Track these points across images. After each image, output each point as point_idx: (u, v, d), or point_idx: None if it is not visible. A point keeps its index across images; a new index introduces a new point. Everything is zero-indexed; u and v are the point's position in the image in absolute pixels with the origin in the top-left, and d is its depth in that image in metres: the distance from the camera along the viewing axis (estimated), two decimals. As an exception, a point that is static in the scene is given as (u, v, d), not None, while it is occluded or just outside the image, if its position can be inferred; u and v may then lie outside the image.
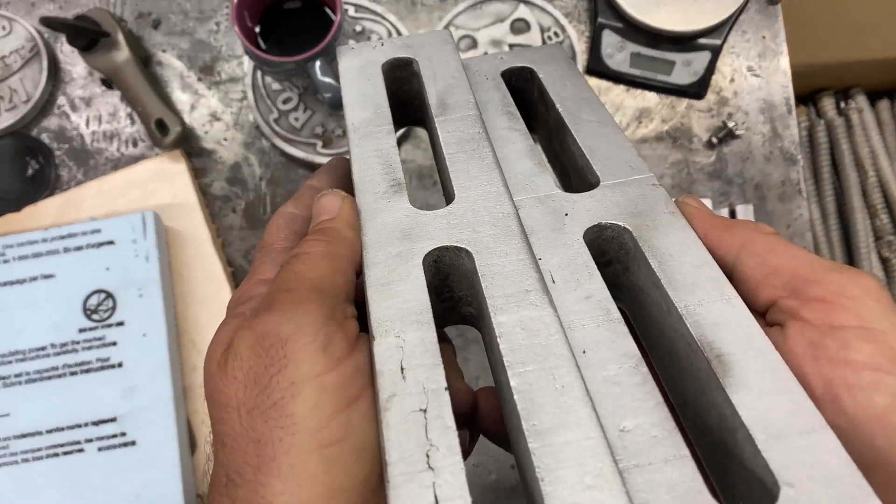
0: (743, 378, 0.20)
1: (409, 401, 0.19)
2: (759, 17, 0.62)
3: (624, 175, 0.26)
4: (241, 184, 0.59)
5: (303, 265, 0.22)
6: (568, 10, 0.62)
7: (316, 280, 0.21)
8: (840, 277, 0.20)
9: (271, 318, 0.20)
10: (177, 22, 0.61)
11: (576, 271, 0.23)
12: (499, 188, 0.25)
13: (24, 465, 0.51)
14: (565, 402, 0.19)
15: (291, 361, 0.19)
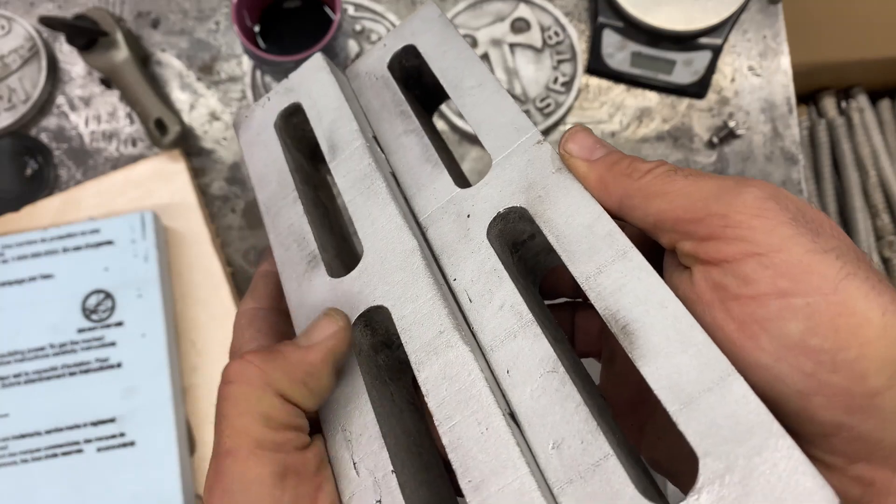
0: (648, 346, 0.20)
1: (366, 496, 0.22)
2: (760, 17, 0.62)
3: (510, 142, 0.26)
4: (241, 183, 0.59)
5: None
6: (568, 9, 0.62)
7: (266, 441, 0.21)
8: (721, 206, 0.19)
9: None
10: (176, 21, 0.61)
11: (487, 281, 0.24)
12: (398, 223, 0.25)
13: (23, 465, 0.51)
14: (491, 447, 0.20)
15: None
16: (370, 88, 0.31)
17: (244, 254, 0.58)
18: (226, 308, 0.55)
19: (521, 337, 0.22)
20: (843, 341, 0.17)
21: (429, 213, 0.26)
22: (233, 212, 0.59)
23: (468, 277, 0.24)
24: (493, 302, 0.23)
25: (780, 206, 0.18)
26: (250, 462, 0.20)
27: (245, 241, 0.59)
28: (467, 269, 0.24)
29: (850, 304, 0.17)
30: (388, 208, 0.26)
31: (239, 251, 0.58)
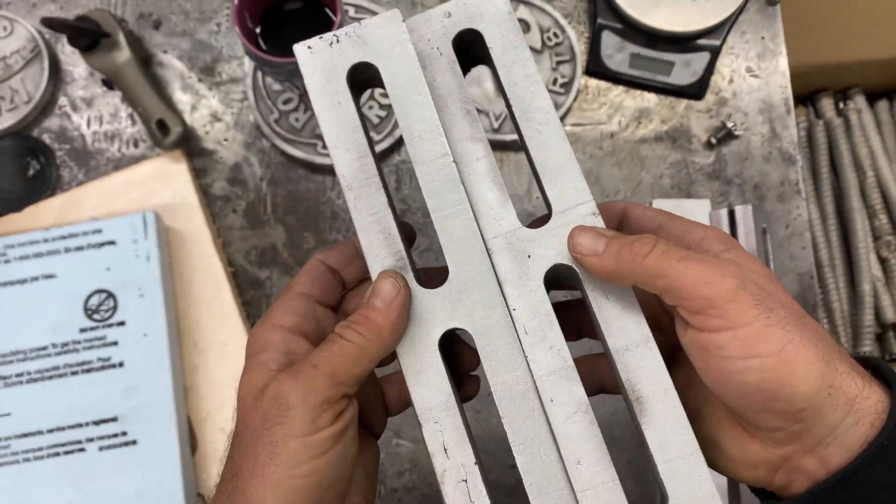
0: (652, 416, 0.28)
1: (455, 474, 0.30)
2: (759, 18, 0.62)
3: (571, 202, 0.30)
4: (242, 184, 0.60)
5: (332, 352, 0.28)
6: (567, 10, 0.62)
7: (335, 370, 0.28)
8: (707, 291, 0.26)
9: (288, 384, 0.27)
10: (177, 22, 0.62)
11: (541, 321, 0.29)
12: (479, 246, 0.30)
13: (25, 464, 0.51)
14: (549, 471, 0.29)
15: (288, 420, 0.27)
16: (434, 63, 0.32)
17: (245, 254, 0.59)
18: (227, 308, 0.56)
19: (564, 378, 0.29)
20: (782, 385, 0.26)
21: (492, 238, 0.30)
22: (234, 212, 0.59)
23: (525, 313, 0.29)
24: (545, 341, 0.29)
25: (748, 292, 0.26)
26: (321, 385, 0.27)
27: (246, 241, 0.59)
28: (525, 306, 0.29)
29: (788, 361, 0.26)
30: (471, 226, 0.30)
31: (240, 251, 0.59)
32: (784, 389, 0.25)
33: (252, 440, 0.28)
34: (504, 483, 0.55)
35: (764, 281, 0.27)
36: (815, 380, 0.25)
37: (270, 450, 0.27)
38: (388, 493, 0.56)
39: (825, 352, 0.26)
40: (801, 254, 0.60)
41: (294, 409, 0.27)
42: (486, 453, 0.55)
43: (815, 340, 0.26)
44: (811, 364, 0.26)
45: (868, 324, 0.92)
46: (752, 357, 0.26)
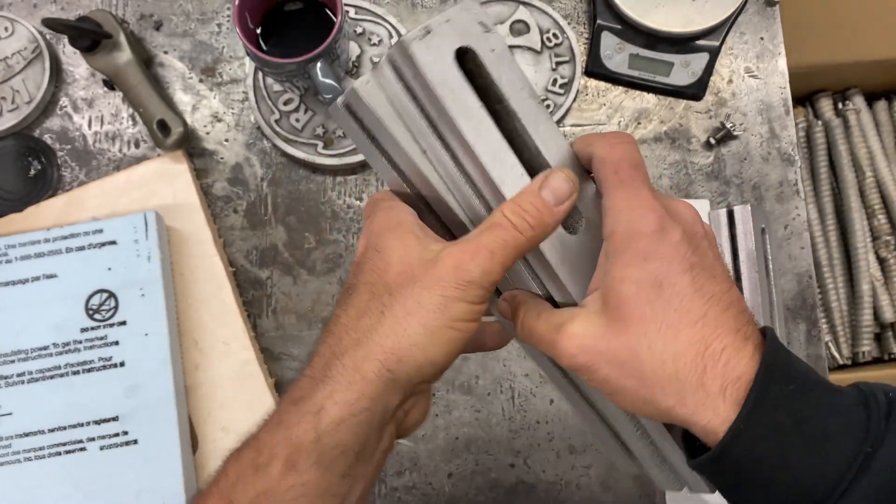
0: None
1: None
2: (757, 19, 0.63)
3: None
4: (243, 184, 0.60)
5: (504, 240, 0.29)
6: (567, 11, 0.62)
7: (506, 259, 0.29)
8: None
9: (468, 260, 0.29)
10: (178, 23, 0.62)
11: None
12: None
13: (27, 464, 0.51)
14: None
15: (466, 290, 0.28)
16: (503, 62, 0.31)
17: (246, 254, 0.59)
18: (228, 308, 0.56)
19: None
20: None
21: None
22: (235, 212, 0.59)
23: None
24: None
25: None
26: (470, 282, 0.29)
27: (247, 241, 0.59)
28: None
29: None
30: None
31: (241, 251, 0.59)
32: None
33: (419, 290, 0.28)
34: (504, 483, 0.55)
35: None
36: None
37: (442, 303, 0.28)
38: (389, 493, 0.56)
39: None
40: (799, 254, 0.60)
41: (472, 284, 0.28)
42: (485, 453, 0.55)
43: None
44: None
45: (867, 323, 0.93)
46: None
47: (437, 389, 0.55)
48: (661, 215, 0.28)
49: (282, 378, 0.57)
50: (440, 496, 0.56)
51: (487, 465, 0.55)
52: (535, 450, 0.56)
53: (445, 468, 0.56)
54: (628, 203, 0.28)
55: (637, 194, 0.29)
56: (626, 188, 0.29)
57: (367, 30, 0.61)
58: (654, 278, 0.27)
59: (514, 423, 0.56)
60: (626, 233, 0.28)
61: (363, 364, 0.28)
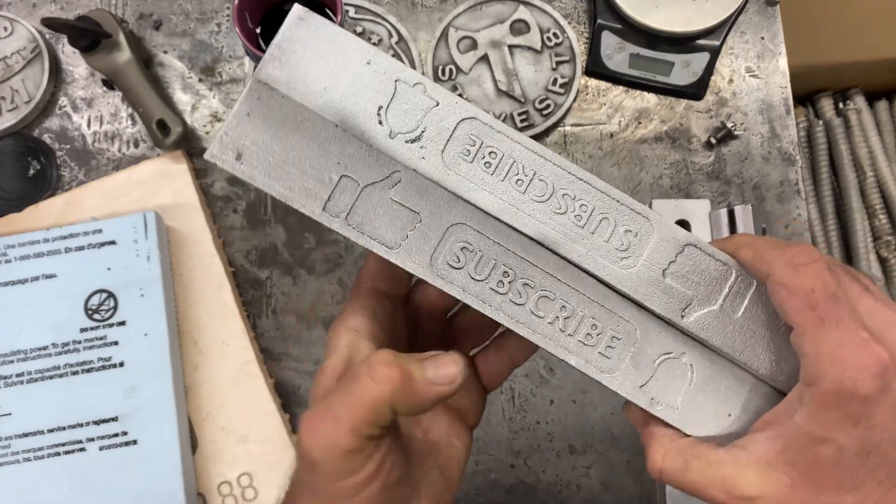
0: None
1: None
2: (758, 18, 0.62)
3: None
4: (242, 184, 0.60)
5: (354, 400, 0.26)
6: (567, 11, 0.62)
7: (357, 423, 0.26)
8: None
9: (309, 439, 0.26)
10: (178, 23, 0.62)
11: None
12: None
13: (26, 464, 0.51)
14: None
15: (317, 473, 0.26)
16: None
17: (246, 254, 0.59)
18: (227, 308, 0.56)
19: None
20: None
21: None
22: (235, 212, 0.59)
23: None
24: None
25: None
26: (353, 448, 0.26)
27: (247, 241, 0.59)
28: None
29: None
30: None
31: (241, 251, 0.59)
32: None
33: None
34: (504, 483, 0.55)
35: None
36: None
37: (312, 489, 0.27)
38: (389, 493, 0.56)
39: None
40: (800, 254, 0.60)
41: (319, 465, 0.26)
42: (485, 454, 0.55)
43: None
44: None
45: (868, 324, 0.93)
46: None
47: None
48: (883, 368, 0.23)
49: (281, 378, 0.57)
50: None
51: (487, 465, 0.55)
52: (535, 450, 0.56)
53: (445, 468, 0.56)
54: (840, 352, 0.24)
55: (851, 338, 0.24)
56: (832, 330, 0.24)
57: (366, 29, 0.61)
58: (862, 447, 0.23)
59: (514, 423, 0.56)
60: (836, 391, 0.23)
61: None
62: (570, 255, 0.28)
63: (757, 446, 0.25)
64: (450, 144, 0.28)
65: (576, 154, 0.61)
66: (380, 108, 0.28)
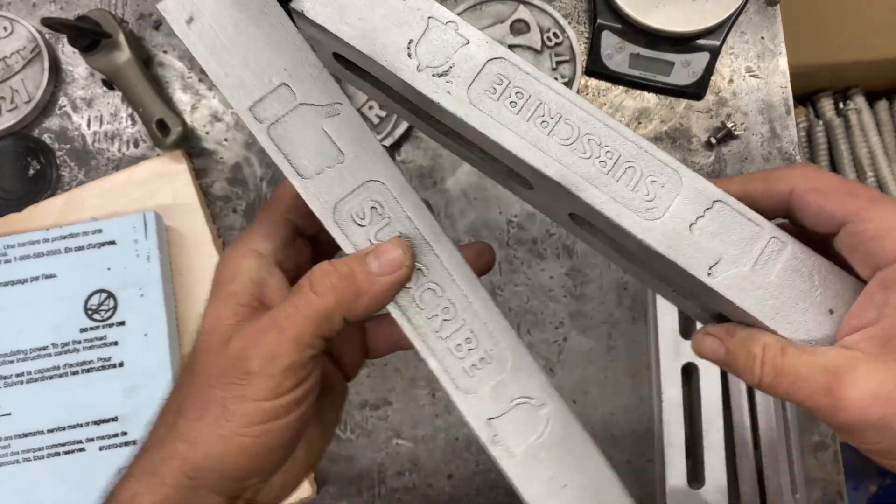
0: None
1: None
2: (758, 18, 0.62)
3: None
4: (242, 184, 0.60)
5: (299, 311, 0.25)
6: (567, 10, 0.62)
7: (301, 334, 0.25)
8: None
9: (251, 346, 0.25)
10: (178, 23, 0.62)
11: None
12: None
13: (26, 464, 0.51)
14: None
15: (247, 385, 0.25)
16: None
17: (245, 254, 0.59)
18: (227, 308, 0.56)
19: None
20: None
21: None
22: (234, 212, 0.59)
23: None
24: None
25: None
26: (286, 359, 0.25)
27: (246, 241, 0.59)
28: None
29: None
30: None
31: (240, 251, 0.59)
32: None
33: (206, 387, 0.26)
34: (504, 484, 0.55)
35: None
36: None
37: (223, 405, 0.25)
38: (388, 493, 0.56)
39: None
40: (800, 254, 0.60)
41: (255, 376, 0.25)
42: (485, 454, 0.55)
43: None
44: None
45: (868, 324, 0.93)
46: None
47: (438, 390, 0.55)
48: None
49: (281, 378, 0.57)
50: (440, 497, 0.56)
51: (488, 465, 0.55)
52: (535, 450, 0.56)
53: (445, 469, 0.56)
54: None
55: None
56: (888, 204, 0.24)
57: (366, 29, 0.61)
58: None
59: (514, 423, 0.56)
60: None
61: (161, 467, 0.26)
62: (592, 201, 0.27)
63: (857, 345, 0.24)
64: (477, 81, 0.27)
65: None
66: (410, 42, 0.27)
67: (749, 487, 0.52)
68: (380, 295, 0.26)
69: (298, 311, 0.25)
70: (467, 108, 0.27)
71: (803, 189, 0.25)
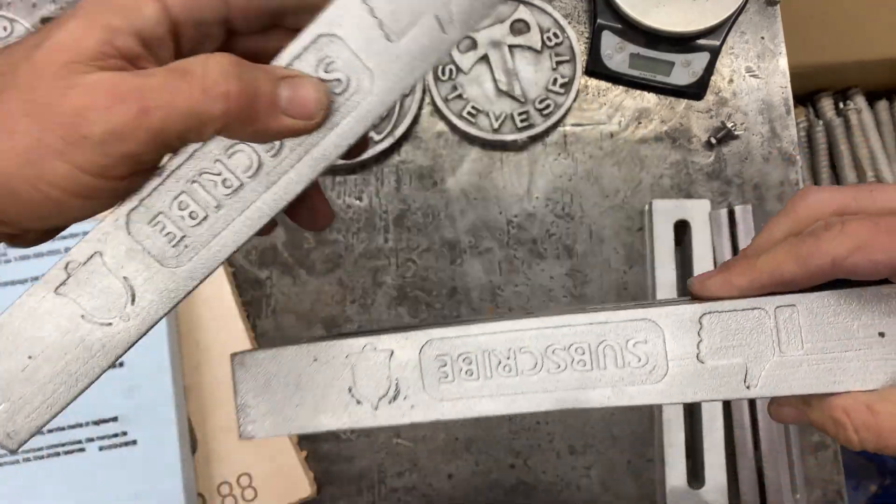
0: None
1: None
2: (758, 18, 0.62)
3: None
4: (242, 184, 0.60)
5: (148, 89, 0.21)
6: (567, 10, 0.62)
7: (104, 127, 0.20)
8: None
9: (99, 125, 0.20)
10: (177, 23, 0.62)
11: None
12: None
13: (25, 464, 0.51)
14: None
15: (76, 148, 0.21)
16: None
17: (245, 254, 0.59)
18: (227, 308, 0.56)
19: None
20: None
21: None
22: (234, 212, 0.59)
23: None
24: None
25: None
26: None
27: (246, 241, 0.59)
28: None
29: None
30: None
31: (240, 251, 0.59)
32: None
33: (23, 112, 0.21)
34: (504, 484, 0.55)
35: None
36: None
37: (30, 143, 0.21)
38: (388, 493, 0.56)
39: None
40: (800, 254, 0.60)
41: (88, 143, 0.20)
42: (485, 454, 0.55)
43: None
44: None
45: (868, 324, 0.93)
46: None
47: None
48: None
49: (281, 378, 0.57)
50: (440, 497, 0.56)
51: (487, 465, 0.55)
52: (535, 450, 0.56)
53: (445, 469, 0.56)
54: None
55: None
56: None
57: (366, 29, 0.61)
58: None
59: (514, 423, 0.56)
60: None
61: None
62: (600, 404, 0.26)
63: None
64: (426, 377, 0.27)
65: (576, 154, 0.60)
66: (350, 390, 0.27)
67: (749, 487, 0.52)
68: (269, 135, 0.22)
69: (175, 100, 0.20)
70: (437, 408, 0.26)
71: (844, 253, 0.23)
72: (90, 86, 0.20)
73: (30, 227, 0.23)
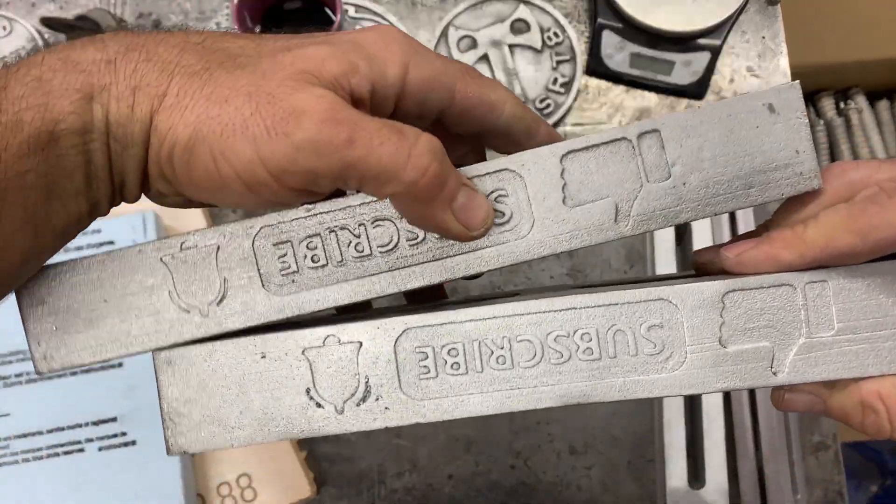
0: None
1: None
2: (759, 18, 0.62)
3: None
4: (242, 184, 0.59)
5: (375, 158, 0.22)
6: (568, 10, 0.62)
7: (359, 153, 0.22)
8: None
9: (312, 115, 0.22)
10: (177, 22, 0.62)
11: None
12: None
13: (25, 464, 0.51)
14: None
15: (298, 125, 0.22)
16: None
17: (245, 254, 0.59)
18: (227, 308, 0.56)
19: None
20: None
21: None
22: (234, 212, 0.59)
23: None
24: None
25: None
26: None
27: (246, 241, 0.59)
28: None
29: None
30: None
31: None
32: None
33: (254, 98, 0.22)
34: (504, 484, 0.55)
35: None
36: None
37: (243, 131, 0.21)
38: (388, 494, 0.55)
39: None
40: (801, 254, 0.60)
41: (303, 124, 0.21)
42: (485, 454, 0.55)
43: None
44: None
45: (869, 324, 0.93)
46: None
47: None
48: None
49: (281, 378, 0.57)
50: (440, 497, 0.55)
51: (488, 466, 0.55)
52: (535, 451, 0.55)
53: (445, 469, 0.56)
54: None
55: None
56: None
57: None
58: None
59: (514, 423, 0.56)
60: None
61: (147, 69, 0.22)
62: (610, 397, 0.23)
63: None
64: (402, 373, 0.23)
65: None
66: (308, 390, 0.24)
67: (749, 488, 0.52)
68: (428, 227, 0.23)
69: (381, 148, 0.21)
70: (417, 409, 0.23)
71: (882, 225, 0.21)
72: (316, 96, 0.21)
73: (182, 191, 0.24)
